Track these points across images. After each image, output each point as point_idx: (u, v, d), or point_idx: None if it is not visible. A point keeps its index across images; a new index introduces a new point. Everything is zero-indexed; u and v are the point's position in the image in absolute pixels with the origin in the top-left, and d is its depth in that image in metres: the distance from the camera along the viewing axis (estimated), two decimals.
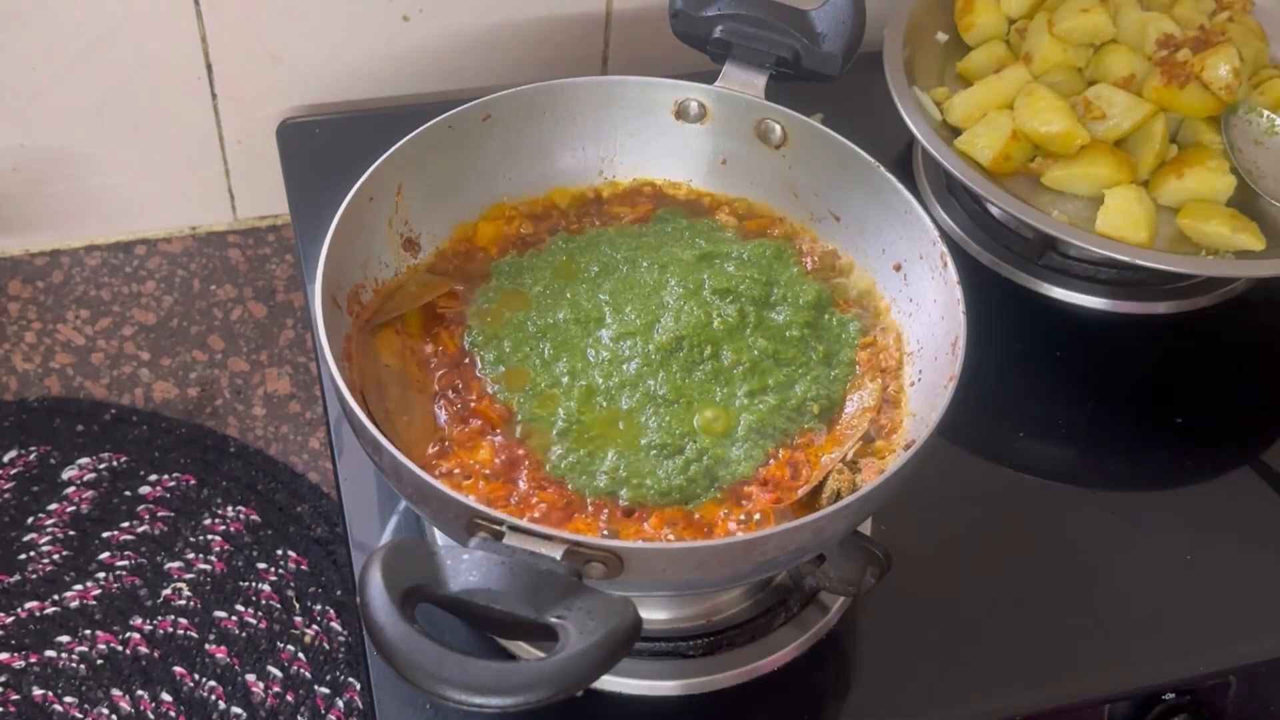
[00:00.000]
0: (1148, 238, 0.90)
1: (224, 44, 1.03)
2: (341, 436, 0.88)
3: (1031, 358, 0.96)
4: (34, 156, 1.06)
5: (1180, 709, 0.82)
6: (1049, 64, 0.98)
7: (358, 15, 1.05)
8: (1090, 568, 0.85)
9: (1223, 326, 0.98)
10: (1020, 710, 0.80)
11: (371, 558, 0.55)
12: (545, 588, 0.57)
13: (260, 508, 1.08)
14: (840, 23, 0.84)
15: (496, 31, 1.09)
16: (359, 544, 0.84)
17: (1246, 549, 0.87)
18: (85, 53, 1.01)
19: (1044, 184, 0.95)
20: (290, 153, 1.05)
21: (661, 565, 0.63)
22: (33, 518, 1.06)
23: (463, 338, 0.79)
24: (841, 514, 0.65)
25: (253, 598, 1.03)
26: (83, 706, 0.98)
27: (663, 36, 0.88)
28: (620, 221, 0.86)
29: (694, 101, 0.85)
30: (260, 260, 1.16)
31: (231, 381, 1.13)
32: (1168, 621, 0.83)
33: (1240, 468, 0.92)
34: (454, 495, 0.62)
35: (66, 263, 1.13)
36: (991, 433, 0.93)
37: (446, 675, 0.53)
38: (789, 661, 0.78)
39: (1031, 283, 0.97)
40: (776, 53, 0.84)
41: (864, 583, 0.75)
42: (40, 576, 1.03)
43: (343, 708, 1.00)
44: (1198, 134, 0.96)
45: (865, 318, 0.81)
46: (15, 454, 1.09)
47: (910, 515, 0.81)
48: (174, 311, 1.14)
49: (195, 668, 1.00)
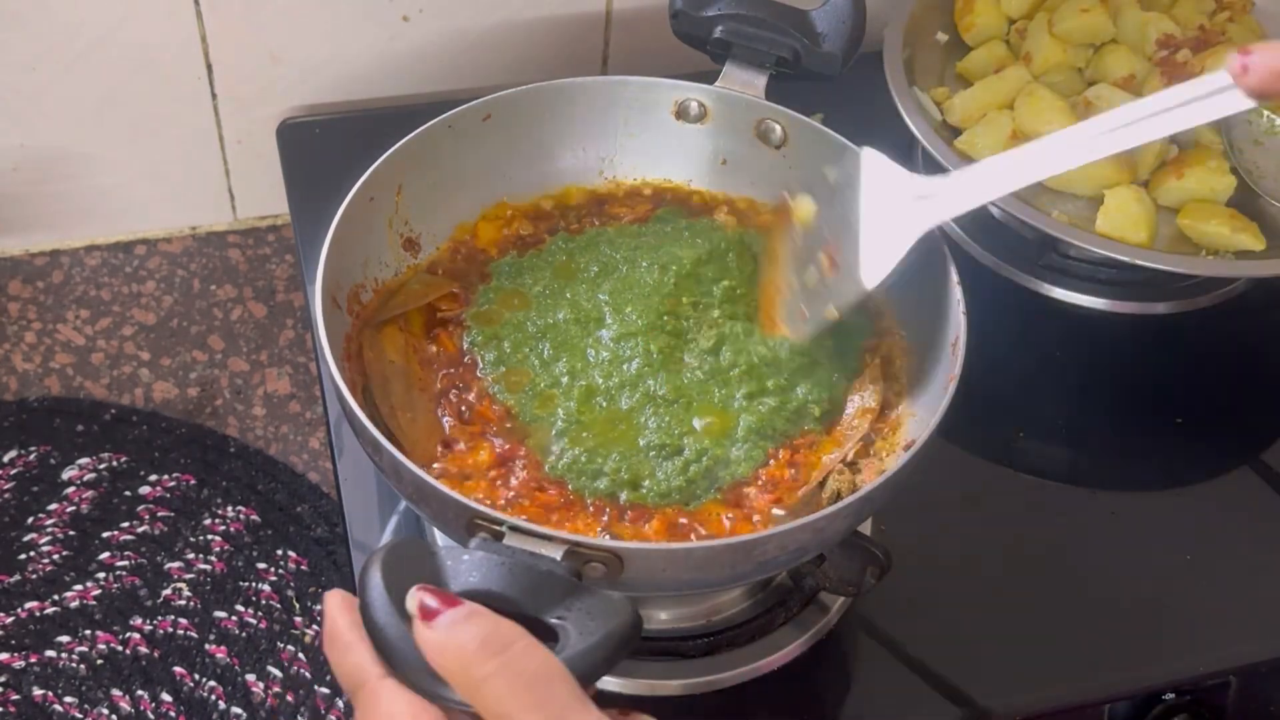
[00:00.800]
0: (1148, 238, 0.90)
1: (224, 44, 1.03)
2: (341, 436, 0.88)
3: (1031, 358, 0.96)
4: (34, 156, 1.06)
5: (1180, 709, 0.82)
6: (1049, 64, 0.98)
7: (358, 15, 1.05)
8: (1090, 568, 0.85)
9: (1223, 326, 0.98)
10: (1020, 710, 0.80)
11: (371, 558, 0.55)
12: (545, 588, 0.57)
13: (260, 508, 1.08)
14: (840, 23, 0.84)
15: (496, 31, 1.09)
16: (359, 544, 0.84)
17: (1246, 549, 0.87)
18: (85, 53, 1.01)
19: (1044, 184, 0.95)
20: (290, 153, 1.05)
21: (661, 565, 0.63)
22: (33, 518, 1.06)
23: (462, 338, 0.79)
24: (841, 514, 0.65)
25: (253, 598, 1.03)
26: (83, 706, 0.98)
27: (663, 36, 0.88)
28: (620, 221, 0.86)
29: (694, 101, 0.85)
30: (260, 260, 1.16)
31: (231, 381, 1.14)
32: (1168, 621, 0.83)
33: (1240, 468, 0.92)
34: (454, 495, 0.62)
35: (66, 263, 1.13)
36: (991, 433, 0.93)
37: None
38: (789, 661, 0.78)
39: (1031, 283, 0.97)
40: (776, 53, 0.84)
41: (864, 583, 0.75)
42: (40, 576, 1.03)
43: (343, 708, 1.00)
44: (1198, 134, 0.96)
45: (865, 318, 0.81)
46: (15, 454, 1.09)
47: (910, 515, 0.81)
48: (174, 311, 1.14)
49: (195, 668, 1.00)
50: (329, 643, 0.55)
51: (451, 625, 0.50)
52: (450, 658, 0.50)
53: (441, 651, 0.50)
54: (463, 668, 0.50)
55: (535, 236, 0.85)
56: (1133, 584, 0.84)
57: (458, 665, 0.50)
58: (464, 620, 0.51)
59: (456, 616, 0.51)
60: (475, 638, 0.50)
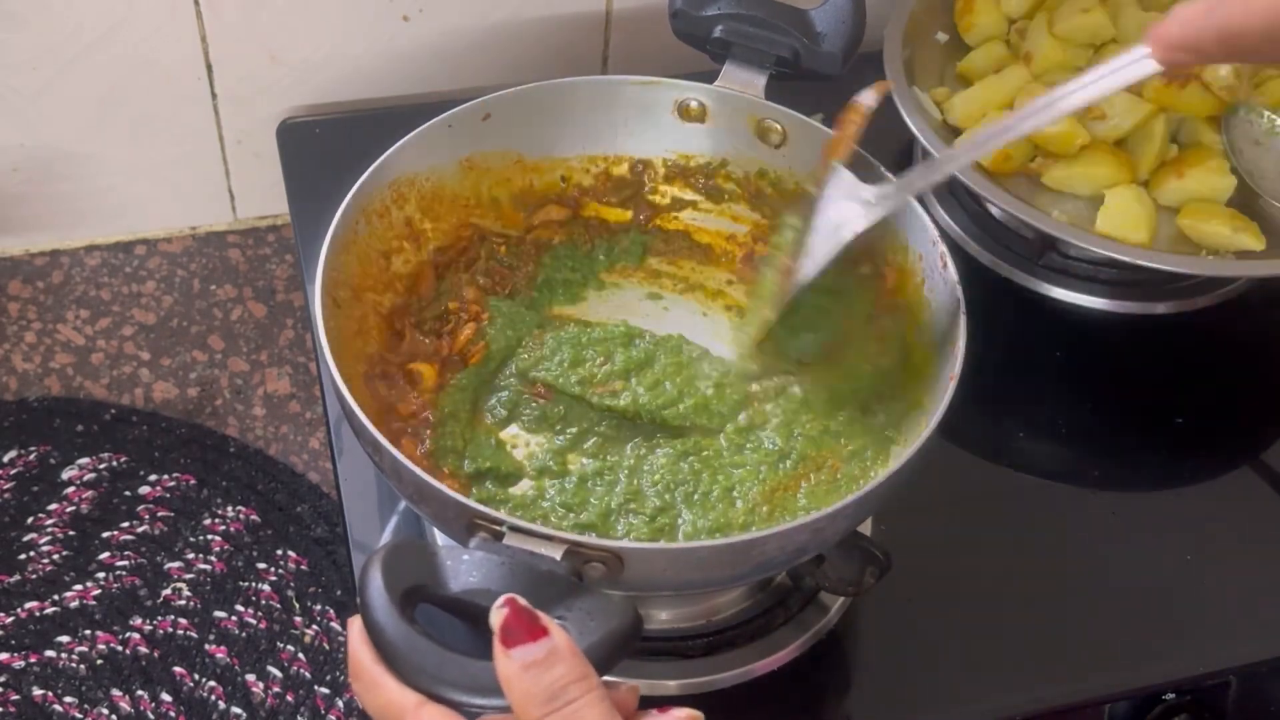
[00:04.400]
0: (1148, 238, 0.90)
1: (224, 44, 1.03)
2: (341, 436, 0.88)
3: (1031, 358, 0.96)
4: (34, 156, 1.06)
5: (1180, 709, 0.82)
6: (1049, 64, 0.98)
7: (357, 15, 1.05)
8: (1090, 568, 0.85)
9: (1223, 326, 0.98)
10: (1020, 710, 0.80)
11: (371, 558, 0.55)
12: (545, 588, 0.57)
13: (260, 508, 1.08)
14: (840, 23, 0.84)
15: (496, 31, 1.09)
16: (359, 544, 0.84)
17: (1246, 549, 0.87)
18: (85, 53, 1.01)
19: (1044, 184, 0.95)
20: (290, 153, 1.05)
21: (661, 565, 0.63)
22: (33, 518, 1.06)
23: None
24: (841, 514, 0.65)
25: (253, 598, 1.03)
26: (83, 706, 0.98)
27: (663, 36, 0.88)
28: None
29: (694, 101, 0.85)
30: (260, 260, 1.16)
31: (231, 381, 1.14)
32: (1168, 621, 0.83)
33: (1240, 468, 0.92)
34: (454, 496, 0.62)
35: (66, 263, 1.13)
36: (991, 433, 0.93)
37: (446, 675, 0.53)
38: (789, 661, 0.78)
39: (1031, 283, 0.97)
40: (776, 52, 0.84)
41: (864, 583, 0.75)
42: (40, 576, 1.03)
43: (343, 708, 1.00)
44: (1198, 134, 0.96)
45: None
46: (15, 454, 1.09)
47: (910, 515, 0.80)
48: (174, 311, 1.14)
49: (195, 668, 1.00)
50: (355, 677, 0.54)
51: (526, 669, 0.50)
52: (515, 694, 0.50)
53: (508, 684, 0.50)
54: (521, 706, 0.50)
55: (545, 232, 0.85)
56: (1133, 584, 0.84)
57: (519, 701, 0.50)
58: (541, 665, 0.50)
59: (536, 656, 0.50)
60: (545, 689, 0.50)
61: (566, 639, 0.51)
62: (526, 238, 0.85)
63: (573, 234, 0.86)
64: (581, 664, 0.51)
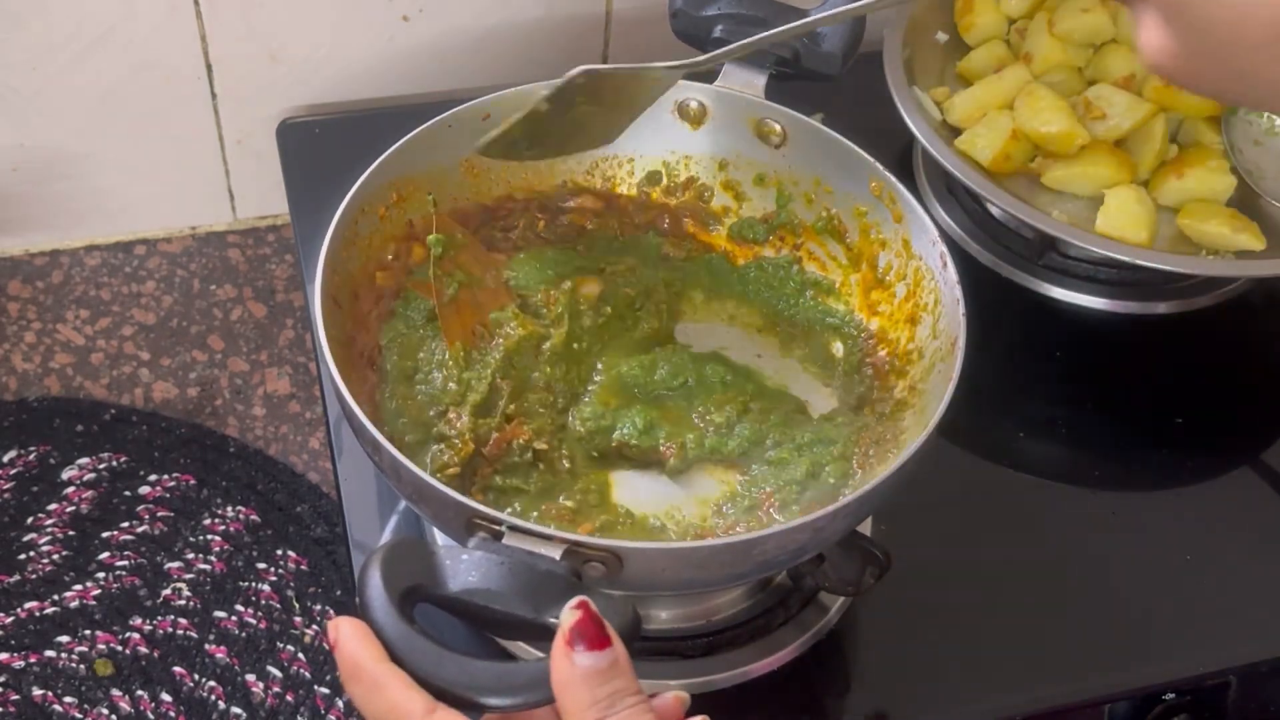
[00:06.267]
0: (1148, 238, 0.90)
1: (223, 44, 1.03)
2: (341, 436, 0.88)
3: (1031, 358, 0.96)
4: (34, 156, 1.06)
5: (1180, 709, 0.82)
6: (1049, 64, 0.98)
7: (357, 15, 1.05)
8: (1090, 568, 0.85)
9: (1223, 326, 0.98)
10: (1020, 710, 0.80)
11: (371, 558, 0.55)
12: (544, 588, 0.57)
13: (260, 508, 1.08)
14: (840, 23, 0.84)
15: (496, 31, 1.09)
16: (359, 544, 0.84)
17: (1246, 549, 0.87)
18: (85, 53, 1.01)
19: (1044, 184, 0.95)
20: (290, 153, 1.05)
21: (661, 565, 0.63)
22: (32, 518, 1.06)
23: None
24: (841, 514, 0.65)
25: (253, 598, 1.03)
26: (83, 706, 0.98)
27: (663, 36, 0.88)
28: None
29: (694, 101, 0.85)
30: (260, 260, 1.16)
31: (231, 381, 1.14)
32: (1168, 621, 0.83)
33: (1240, 468, 0.92)
34: (454, 495, 0.62)
35: (66, 263, 1.13)
36: (991, 433, 0.93)
37: (446, 675, 0.53)
38: (789, 661, 0.78)
39: (1031, 283, 0.97)
40: (776, 52, 0.84)
41: (864, 583, 0.75)
42: (40, 576, 1.03)
43: (343, 708, 1.00)
44: (1198, 134, 0.96)
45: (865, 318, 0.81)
46: (15, 454, 1.09)
47: (910, 515, 0.80)
48: (174, 311, 1.14)
49: (195, 668, 1.00)
50: (351, 681, 0.52)
51: (586, 676, 0.50)
52: (568, 697, 0.50)
53: (563, 687, 0.50)
54: (572, 709, 0.50)
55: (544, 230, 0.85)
56: (1133, 584, 0.84)
57: (570, 705, 0.50)
58: (603, 674, 0.50)
59: (599, 665, 0.50)
60: (600, 697, 0.49)
61: (625, 651, 0.51)
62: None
63: (605, 224, 0.86)
64: (634, 678, 0.51)
